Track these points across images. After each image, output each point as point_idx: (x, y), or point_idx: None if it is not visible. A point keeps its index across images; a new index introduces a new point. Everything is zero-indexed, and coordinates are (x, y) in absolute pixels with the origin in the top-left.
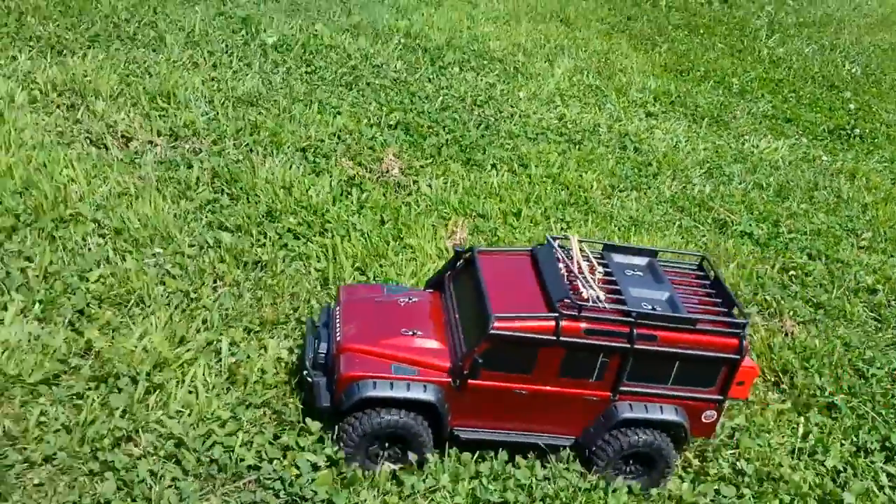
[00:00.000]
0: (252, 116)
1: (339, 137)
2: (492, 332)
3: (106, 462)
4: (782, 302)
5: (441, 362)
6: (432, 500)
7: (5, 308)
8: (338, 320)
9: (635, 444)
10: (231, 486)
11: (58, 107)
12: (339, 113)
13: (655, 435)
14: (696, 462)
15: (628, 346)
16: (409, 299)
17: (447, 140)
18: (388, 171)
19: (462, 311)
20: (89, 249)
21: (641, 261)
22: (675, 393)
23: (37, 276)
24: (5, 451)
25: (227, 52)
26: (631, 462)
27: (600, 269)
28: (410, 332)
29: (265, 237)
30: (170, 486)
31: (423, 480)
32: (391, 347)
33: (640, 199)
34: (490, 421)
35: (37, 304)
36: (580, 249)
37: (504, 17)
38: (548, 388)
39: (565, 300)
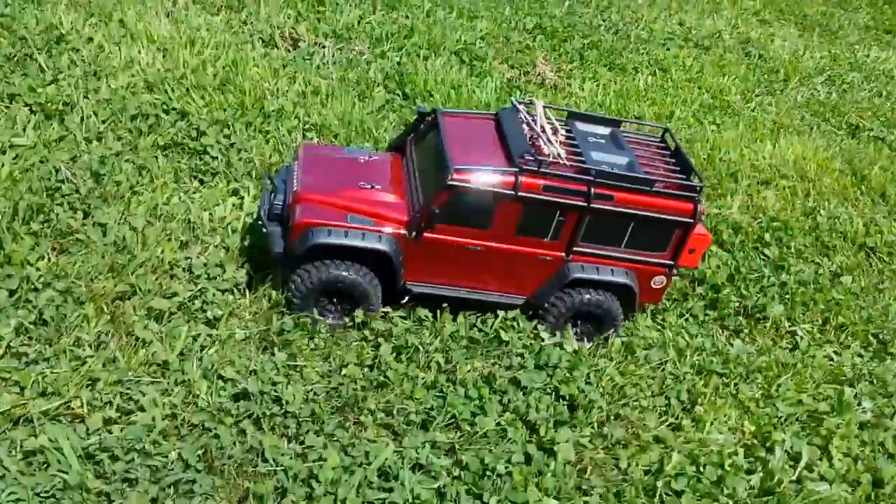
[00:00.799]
0: (399, 20)
1: (485, 41)
2: (450, 182)
3: (376, 330)
4: None
5: (398, 215)
6: None
7: (237, 194)
8: (296, 173)
9: (585, 303)
10: (492, 350)
11: (219, 8)
12: (477, 17)
13: (604, 295)
14: None
15: (585, 204)
16: (370, 157)
17: (584, 45)
18: (541, 74)
19: (422, 168)
20: (299, 142)
21: (605, 129)
22: (627, 256)
23: (259, 165)
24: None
25: None
26: (579, 321)
27: (563, 133)
28: (369, 186)
29: None
30: (437, 351)
31: None
32: (348, 198)
33: (778, 104)
34: (444, 277)
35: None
36: (545, 115)
37: None
38: (504, 245)
39: (526, 156)
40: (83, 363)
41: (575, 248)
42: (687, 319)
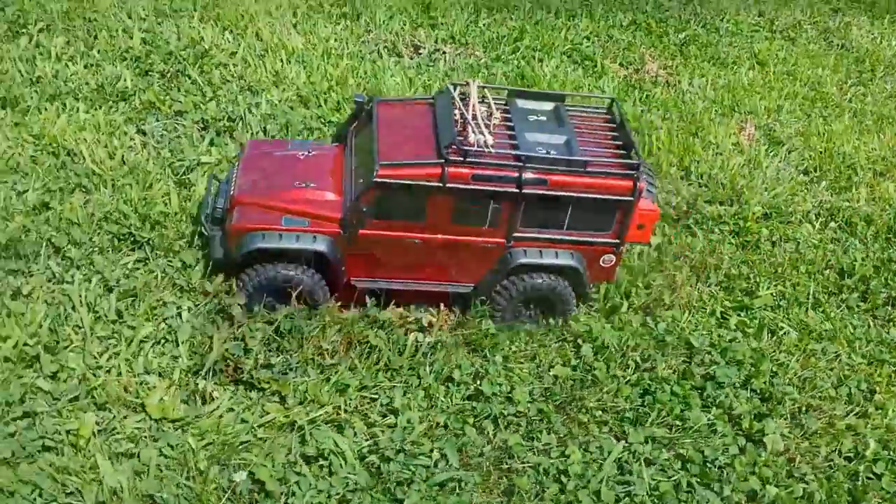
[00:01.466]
0: (507, 22)
1: (590, 40)
2: (376, 180)
3: (574, 331)
4: None
5: (333, 213)
6: None
7: None
8: (235, 175)
9: (532, 289)
10: (680, 349)
11: (337, 18)
12: (575, 15)
13: (552, 279)
14: None
15: (517, 190)
16: (309, 152)
17: (681, 39)
18: (651, 72)
19: (360, 160)
20: None
21: (547, 106)
22: (571, 238)
23: None
24: None
25: None
26: (530, 306)
27: (498, 114)
28: (303, 185)
29: None
30: (632, 350)
31: None
32: (283, 200)
33: (874, 95)
34: (387, 271)
35: None
36: (481, 95)
37: None
38: (441, 236)
39: (453, 146)
40: (323, 371)
41: (516, 234)
42: (843, 311)
